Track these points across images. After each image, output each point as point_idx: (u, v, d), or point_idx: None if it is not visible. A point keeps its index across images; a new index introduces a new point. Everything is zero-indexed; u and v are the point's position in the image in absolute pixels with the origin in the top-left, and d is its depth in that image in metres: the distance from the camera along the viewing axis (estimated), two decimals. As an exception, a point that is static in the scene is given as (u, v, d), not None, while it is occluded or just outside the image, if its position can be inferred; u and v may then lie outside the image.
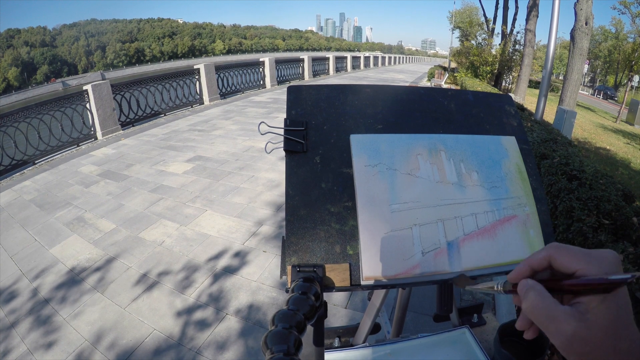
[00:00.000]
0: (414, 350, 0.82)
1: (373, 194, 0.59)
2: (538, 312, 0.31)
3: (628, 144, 12.42)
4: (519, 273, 0.35)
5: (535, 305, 0.31)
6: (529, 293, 0.32)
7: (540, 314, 0.30)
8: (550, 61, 5.91)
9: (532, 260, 0.34)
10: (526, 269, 0.34)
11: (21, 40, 74.92)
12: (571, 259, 0.31)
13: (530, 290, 0.32)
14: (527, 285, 0.33)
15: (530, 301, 0.31)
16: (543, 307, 0.30)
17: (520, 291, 0.33)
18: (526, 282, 0.33)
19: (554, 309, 0.30)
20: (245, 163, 4.66)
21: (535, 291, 0.32)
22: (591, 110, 23.17)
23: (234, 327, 2.04)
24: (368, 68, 24.11)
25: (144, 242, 2.93)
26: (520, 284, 0.34)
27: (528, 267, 0.34)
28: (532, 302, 0.31)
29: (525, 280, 0.33)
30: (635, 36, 25.49)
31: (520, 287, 0.33)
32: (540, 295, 0.31)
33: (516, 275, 0.35)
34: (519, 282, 0.34)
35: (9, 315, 2.19)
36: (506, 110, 0.76)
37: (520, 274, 0.35)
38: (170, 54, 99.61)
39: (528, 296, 0.32)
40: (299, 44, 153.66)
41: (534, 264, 0.34)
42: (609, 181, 2.31)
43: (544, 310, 0.30)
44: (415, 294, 1.49)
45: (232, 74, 10.29)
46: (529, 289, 0.32)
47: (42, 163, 5.17)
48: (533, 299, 0.31)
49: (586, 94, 36.77)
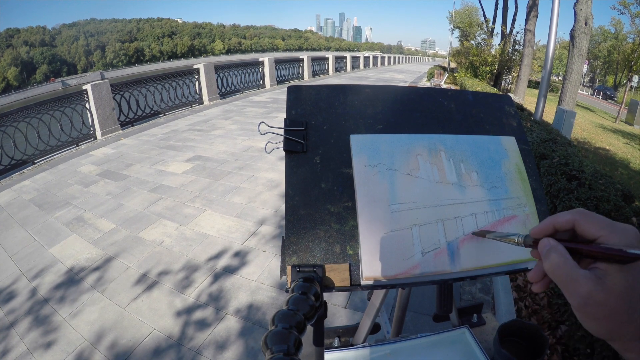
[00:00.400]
0: (413, 350, 0.82)
1: (373, 194, 0.59)
2: (559, 271, 0.32)
3: (627, 144, 12.43)
4: (541, 229, 0.36)
5: (557, 265, 0.32)
6: (551, 252, 0.33)
7: (561, 273, 0.32)
8: (550, 61, 5.92)
9: (557, 220, 0.35)
10: (549, 227, 0.35)
11: (20, 40, 74.80)
12: (595, 226, 0.32)
13: (553, 250, 0.33)
14: (549, 244, 0.34)
15: (552, 260, 0.33)
16: (564, 268, 0.32)
17: (542, 249, 0.34)
18: (548, 241, 0.34)
19: (574, 271, 0.31)
20: (245, 163, 4.66)
21: (558, 252, 0.33)
22: (590, 111, 23.19)
23: (234, 326, 2.04)
24: (367, 68, 24.11)
25: (144, 242, 2.93)
26: (542, 242, 0.35)
27: (551, 226, 0.35)
28: (554, 261, 0.32)
29: (547, 239, 0.34)
30: (634, 36, 25.53)
31: (541, 245, 0.35)
32: (562, 256, 0.32)
33: (539, 231, 0.36)
34: (541, 239, 0.35)
35: (8, 315, 2.19)
36: (506, 111, 0.76)
37: (543, 230, 0.36)
38: (170, 53, 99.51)
39: (550, 255, 0.33)
40: (298, 44, 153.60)
41: (558, 224, 0.35)
42: (608, 181, 2.31)
43: (564, 270, 0.31)
44: (415, 294, 1.50)
45: (232, 74, 10.29)
46: (552, 249, 0.33)
47: (42, 163, 5.17)
48: (555, 259, 0.32)
49: (585, 94, 36.81)
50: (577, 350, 1.76)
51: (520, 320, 0.79)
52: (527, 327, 0.79)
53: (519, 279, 2.49)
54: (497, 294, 2.27)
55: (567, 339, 1.89)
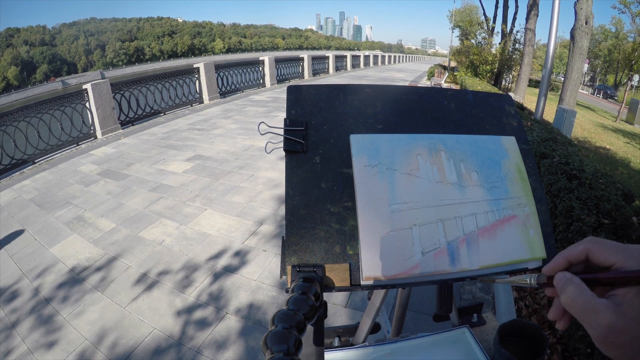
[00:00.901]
0: (413, 349, 0.82)
1: (373, 194, 0.59)
2: (577, 304, 0.31)
3: (628, 144, 12.42)
4: (555, 266, 0.36)
5: (574, 298, 0.31)
6: (567, 286, 0.32)
7: (579, 306, 0.31)
8: (550, 60, 5.91)
9: (569, 253, 0.35)
10: (563, 262, 0.35)
11: (21, 39, 74.76)
12: (609, 253, 0.32)
13: (569, 284, 0.32)
14: (564, 278, 0.33)
15: (569, 294, 0.32)
16: (581, 300, 0.31)
17: (558, 284, 0.34)
18: (563, 275, 0.34)
19: (592, 302, 0.30)
20: (245, 162, 4.66)
21: (574, 284, 0.32)
22: (591, 110, 23.16)
23: (234, 326, 2.05)
24: (368, 67, 24.09)
25: (144, 241, 2.93)
26: (557, 276, 0.34)
27: (565, 260, 0.35)
28: (571, 294, 0.32)
29: (562, 273, 0.34)
30: (635, 35, 25.48)
31: (557, 279, 0.34)
32: (578, 288, 0.32)
33: (552, 268, 0.36)
34: (556, 274, 0.35)
35: (9, 315, 2.19)
36: (506, 110, 0.76)
37: (556, 266, 0.36)
38: (170, 52, 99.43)
39: (567, 289, 0.32)
40: (298, 43, 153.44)
41: (571, 257, 0.35)
42: (608, 180, 2.31)
43: (582, 302, 0.31)
44: (415, 294, 1.50)
45: (232, 73, 10.28)
46: (567, 282, 0.33)
47: (42, 162, 5.17)
48: (572, 292, 0.32)
49: (586, 93, 36.77)
50: (577, 349, 1.76)
51: (521, 320, 0.79)
52: (528, 327, 0.79)
53: (519, 278, 2.49)
54: (497, 294, 2.27)
55: (567, 338, 1.89)
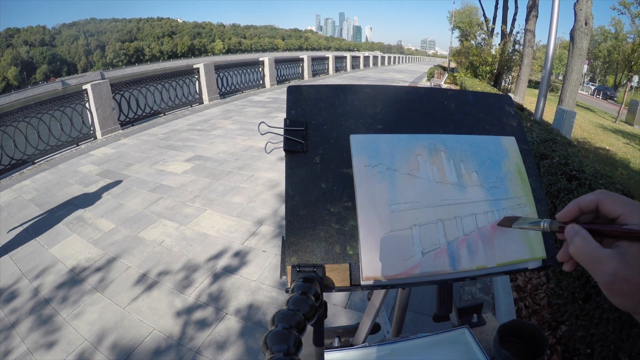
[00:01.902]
0: (413, 350, 0.82)
1: (373, 194, 0.59)
2: (583, 254, 0.34)
3: (627, 144, 12.43)
4: (567, 212, 0.39)
5: (581, 248, 0.35)
6: (575, 237, 0.36)
7: (585, 256, 0.34)
8: (550, 61, 5.92)
9: (581, 201, 0.38)
10: (575, 209, 0.39)
11: (20, 40, 74.75)
12: (617, 205, 0.35)
13: (576, 235, 0.36)
14: (573, 230, 0.37)
15: (576, 245, 0.35)
16: (587, 250, 0.34)
17: (567, 234, 0.37)
18: (572, 227, 0.37)
19: (597, 252, 0.33)
20: (245, 163, 4.66)
21: (581, 236, 0.35)
22: (590, 111, 23.18)
23: (234, 326, 2.04)
24: (367, 68, 24.10)
25: (144, 242, 2.93)
26: (567, 228, 0.38)
27: (577, 207, 0.38)
28: (578, 245, 0.35)
29: (571, 226, 0.37)
30: (634, 36, 25.51)
31: (567, 230, 0.37)
32: (585, 239, 0.35)
33: (565, 215, 0.39)
34: (567, 226, 0.38)
35: (9, 315, 2.19)
36: (506, 111, 0.76)
37: (568, 213, 0.39)
38: (170, 53, 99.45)
39: (574, 240, 0.36)
40: (298, 44, 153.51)
41: (582, 204, 0.38)
42: (608, 181, 2.31)
43: (588, 252, 0.34)
44: (415, 294, 1.50)
45: (232, 74, 10.29)
46: (575, 234, 0.36)
47: (42, 162, 5.17)
48: (579, 243, 0.35)
49: (585, 94, 36.79)
50: (577, 350, 1.76)
51: (520, 321, 0.79)
52: (527, 327, 0.79)
53: (519, 279, 2.49)
54: (497, 294, 2.27)
55: (567, 339, 1.89)
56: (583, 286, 1.74)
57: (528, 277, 2.50)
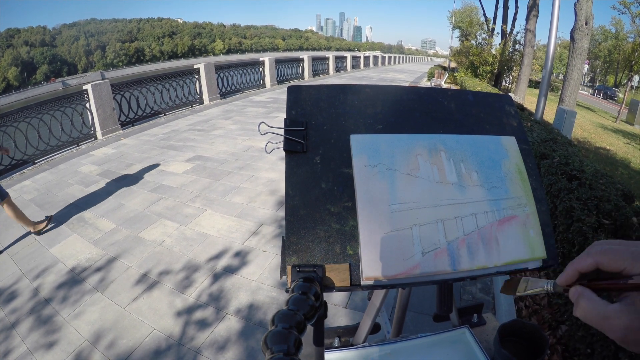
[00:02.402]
0: (413, 350, 0.82)
1: (373, 194, 0.59)
2: (591, 315, 0.34)
3: (628, 144, 12.43)
4: (567, 277, 0.38)
5: (587, 310, 0.34)
6: (579, 300, 0.35)
7: (593, 316, 0.34)
8: (550, 61, 5.91)
9: (579, 266, 0.37)
10: (574, 274, 0.38)
11: (21, 40, 74.83)
12: (618, 261, 0.34)
13: (580, 298, 0.35)
14: (577, 292, 0.36)
15: (582, 307, 0.35)
16: (595, 311, 0.34)
17: (572, 297, 0.37)
18: (576, 289, 0.37)
19: (605, 309, 0.33)
20: (245, 163, 4.66)
21: (585, 297, 0.35)
22: (591, 110, 23.16)
23: (234, 326, 2.04)
24: (368, 68, 24.10)
25: (144, 242, 2.93)
26: (572, 291, 0.37)
27: (576, 273, 0.38)
28: (584, 308, 0.35)
29: (574, 288, 0.37)
30: (635, 36, 25.48)
31: (571, 293, 0.37)
32: (590, 300, 0.34)
33: (564, 280, 0.39)
34: (570, 289, 0.38)
35: (9, 315, 2.19)
36: (506, 110, 0.76)
37: (568, 277, 0.38)
38: (170, 53, 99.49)
39: (579, 303, 0.35)
40: (298, 44, 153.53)
41: (581, 270, 0.37)
42: (608, 181, 2.31)
43: (595, 313, 0.33)
44: (415, 294, 1.50)
45: (232, 74, 10.29)
46: (579, 297, 0.35)
47: (42, 163, 5.17)
48: (584, 306, 0.35)
49: (586, 93, 36.76)
50: (577, 350, 1.76)
51: (521, 320, 0.79)
52: (528, 327, 0.79)
53: (520, 278, 2.49)
54: (497, 294, 2.27)
55: (567, 339, 1.89)
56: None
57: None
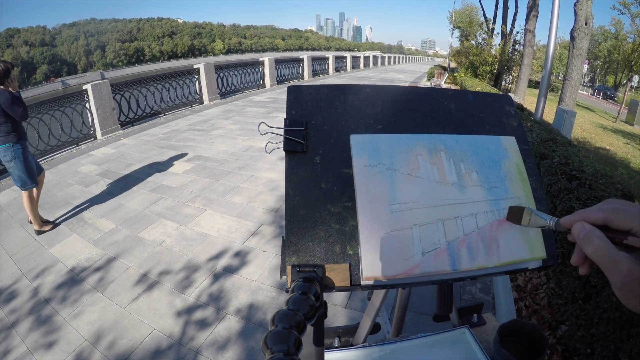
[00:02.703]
0: (413, 350, 0.82)
1: (373, 194, 0.59)
2: (602, 254, 0.35)
3: (627, 144, 12.43)
4: (572, 221, 0.39)
5: (601, 248, 0.35)
6: (592, 238, 0.36)
7: (603, 256, 0.35)
8: (550, 61, 5.92)
9: (588, 216, 0.38)
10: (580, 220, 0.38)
11: (21, 40, 74.80)
12: (628, 220, 0.35)
13: (593, 236, 0.36)
14: (585, 229, 0.37)
15: (595, 245, 0.36)
16: (607, 251, 0.35)
17: (578, 233, 0.37)
18: (582, 225, 0.37)
19: (615, 252, 0.34)
20: (245, 163, 4.66)
21: (599, 237, 0.36)
22: (591, 110, 23.17)
23: (234, 326, 2.04)
24: (368, 68, 24.10)
25: (144, 242, 2.93)
26: (577, 226, 0.38)
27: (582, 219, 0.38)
28: (596, 246, 0.35)
29: (581, 224, 0.37)
30: (634, 36, 25.50)
31: (577, 228, 0.38)
32: (603, 240, 0.35)
33: (570, 222, 0.39)
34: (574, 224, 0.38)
35: (9, 315, 2.19)
36: (506, 111, 0.76)
37: (574, 221, 0.39)
38: (170, 53, 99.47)
39: (592, 240, 0.36)
40: (298, 44, 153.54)
41: (589, 221, 0.38)
42: (608, 181, 2.31)
43: (607, 253, 0.35)
44: (415, 294, 1.50)
45: (232, 74, 10.29)
46: (592, 235, 0.36)
47: (42, 162, 5.15)
48: (597, 243, 0.35)
49: (586, 94, 36.78)
50: (577, 350, 1.76)
51: (521, 320, 0.79)
52: (527, 327, 0.79)
53: (519, 279, 2.49)
54: (497, 294, 2.27)
55: (567, 339, 1.89)
56: (583, 286, 1.74)
57: (528, 277, 2.50)
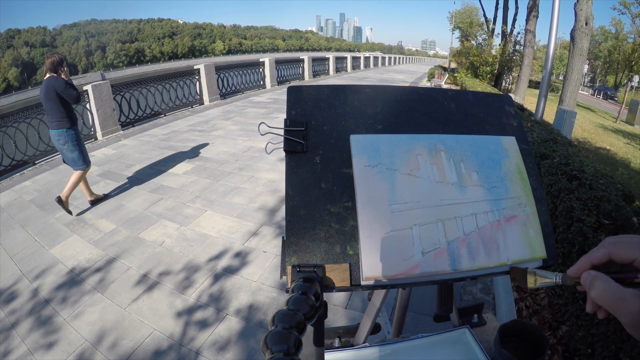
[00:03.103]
0: (414, 350, 0.82)
1: (373, 194, 0.59)
2: (607, 296, 0.34)
3: (628, 144, 12.42)
4: (579, 268, 0.39)
5: (603, 290, 0.35)
6: (595, 282, 0.36)
7: (609, 298, 0.34)
8: (550, 61, 5.92)
9: (592, 257, 0.38)
10: (587, 265, 0.39)
11: (21, 41, 74.92)
12: (629, 251, 0.36)
13: (596, 280, 0.36)
14: (590, 276, 0.37)
15: (598, 288, 0.35)
16: (610, 291, 0.34)
17: (585, 281, 0.37)
18: (589, 273, 0.37)
19: (619, 292, 0.34)
20: (245, 163, 4.66)
21: (601, 280, 0.35)
22: (591, 111, 23.16)
23: (235, 327, 2.04)
24: (368, 68, 24.11)
25: (144, 243, 2.93)
26: (584, 276, 0.38)
27: (589, 263, 0.38)
28: (600, 288, 0.35)
29: (587, 272, 0.37)
30: (635, 36, 25.51)
31: (584, 278, 0.38)
32: (606, 282, 0.35)
33: (576, 270, 0.39)
34: (582, 274, 0.38)
35: (9, 316, 2.19)
36: (506, 111, 0.76)
37: (580, 269, 0.39)
38: (171, 54, 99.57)
39: (595, 285, 0.36)
40: (299, 44, 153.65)
41: (594, 261, 0.38)
42: (608, 181, 2.30)
43: (611, 293, 0.34)
44: (415, 294, 1.50)
45: (232, 74, 10.29)
46: (595, 279, 0.36)
47: (42, 163, 5.17)
48: (600, 287, 0.35)
49: (586, 94, 36.77)
50: (577, 350, 1.76)
51: (521, 321, 0.79)
52: (528, 328, 0.79)
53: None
54: (497, 294, 2.27)
55: (567, 339, 1.89)
56: (584, 286, 1.73)
57: (529, 277, 2.50)
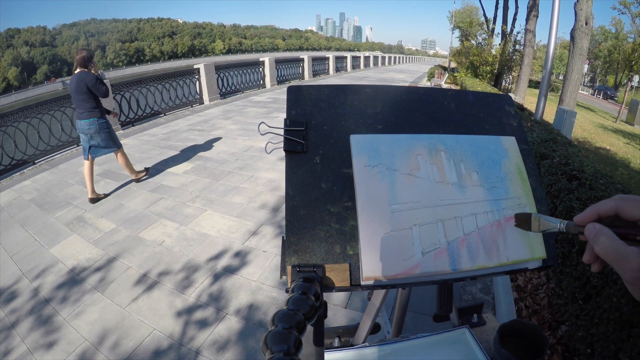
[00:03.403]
0: (413, 350, 0.82)
1: (373, 194, 0.59)
2: (610, 252, 0.35)
3: (628, 144, 12.43)
4: (586, 217, 0.39)
5: (607, 246, 0.35)
6: (600, 237, 0.36)
7: (612, 254, 0.35)
8: (550, 61, 5.91)
9: (600, 208, 0.38)
10: (593, 215, 0.39)
11: (21, 40, 74.89)
12: (637, 210, 0.36)
13: (601, 234, 0.36)
14: (595, 229, 0.37)
15: (603, 243, 0.36)
16: (613, 248, 0.35)
17: (589, 233, 0.38)
18: (594, 226, 0.37)
19: (623, 249, 0.34)
20: (245, 163, 4.66)
21: (606, 234, 0.36)
22: (591, 110, 23.16)
23: (234, 327, 2.04)
24: (368, 68, 24.10)
25: (144, 242, 2.93)
26: (588, 227, 0.38)
27: (596, 213, 0.39)
28: (604, 243, 0.36)
29: (592, 224, 0.38)
30: (635, 36, 25.51)
31: (588, 230, 0.38)
32: (611, 238, 0.36)
33: (583, 219, 0.40)
34: (587, 225, 0.38)
35: (9, 315, 2.19)
36: (506, 111, 0.76)
37: (587, 218, 0.39)
38: (170, 53, 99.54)
39: (600, 239, 0.36)
40: (299, 44, 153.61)
41: (601, 211, 0.38)
42: (608, 181, 2.30)
43: (615, 249, 0.35)
44: (415, 294, 1.50)
45: (232, 74, 10.29)
46: (600, 233, 0.36)
47: (42, 163, 5.17)
48: (605, 241, 0.36)
49: (586, 94, 36.77)
50: (577, 350, 1.76)
51: (521, 320, 0.79)
52: (528, 327, 0.79)
53: (519, 279, 2.49)
54: (497, 294, 2.27)
55: (567, 339, 1.89)
56: (583, 286, 1.74)
57: (528, 277, 2.50)
